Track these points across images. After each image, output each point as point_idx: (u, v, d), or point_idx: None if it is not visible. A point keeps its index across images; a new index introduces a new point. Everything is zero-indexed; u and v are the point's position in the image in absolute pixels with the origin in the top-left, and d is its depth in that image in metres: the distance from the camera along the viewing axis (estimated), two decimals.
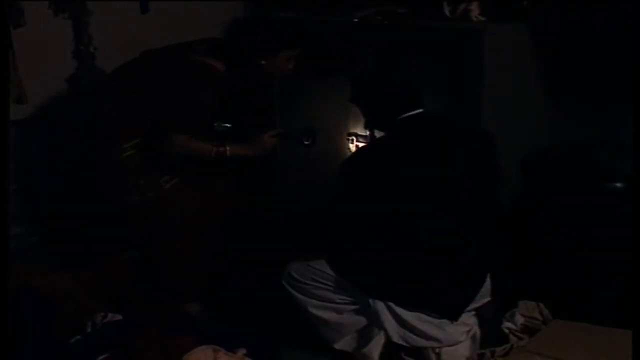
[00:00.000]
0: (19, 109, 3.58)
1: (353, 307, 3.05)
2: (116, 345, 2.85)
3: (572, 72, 3.58)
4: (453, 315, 2.95)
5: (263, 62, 3.35)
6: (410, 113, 2.99)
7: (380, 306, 2.96)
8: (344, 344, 3.09)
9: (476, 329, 3.05)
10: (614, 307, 2.95)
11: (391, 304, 2.95)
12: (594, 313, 3.02)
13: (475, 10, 3.49)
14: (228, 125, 3.38)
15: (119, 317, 3.05)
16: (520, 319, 3.13)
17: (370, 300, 2.98)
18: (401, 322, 2.96)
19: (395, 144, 3.00)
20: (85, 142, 3.45)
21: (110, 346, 2.85)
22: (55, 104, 3.74)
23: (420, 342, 2.96)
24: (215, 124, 3.36)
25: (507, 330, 3.10)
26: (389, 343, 3.01)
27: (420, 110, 3.02)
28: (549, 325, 3.14)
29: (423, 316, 2.95)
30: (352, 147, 3.72)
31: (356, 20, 3.69)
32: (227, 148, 3.30)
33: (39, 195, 3.73)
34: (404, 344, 2.98)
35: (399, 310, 2.95)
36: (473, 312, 3.04)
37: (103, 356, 2.82)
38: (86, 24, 3.73)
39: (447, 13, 3.55)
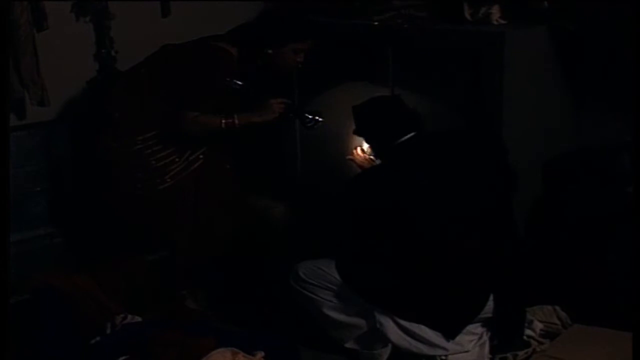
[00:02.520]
0: (42, 111, 3.61)
1: (359, 308, 3.05)
2: (135, 347, 2.86)
3: (594, 75, 3.55)
4: (450, 333, 2.95)
5: (270, 51, 3.41)
6: (404, 138, 3.08)
7: (383, 316, 2.99)
8: (354, 343, 3.11)
9: (486, 338, 3.04)
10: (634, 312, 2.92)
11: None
12: (615, 318, 2.99)
13: (496, 14, 3.47)
14: (239, 82, 3.40)
15: (139, 318, 3.07)
16: (538, 325, 3.12)
17: (374, 311, 3.00)
18: (405, 330, 2.97)
19: (391, 169, 3.09)
20: (102, 134, 3.50)
21: (129, 347, 2.87)
22: (76, 106, 3.77)
23: (426, 349, 2.97)
24: (227, 79, 3.40)
25: (526, 338, 3.08)
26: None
27: (413, 133, 3.08)
28: (568, 330, 3.13)
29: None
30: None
31: (376, 23, 3.69)
32: (236, 118, 3.38)
33: (61, 197, 3.75)
34: (409, 352, 2.99)
35: (402, 320, 2.97)
36: (482, 323, 3.02)
37: (123, 358, 2.84)
38: (107, 28, 3.75)
39: (468, 16, 3.53)
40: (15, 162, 3.54)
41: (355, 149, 3.54)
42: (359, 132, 3.26)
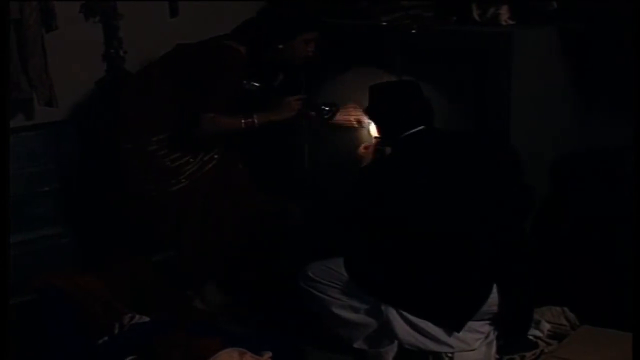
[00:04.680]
0: (50, 112, 3.62)
1: (367, 306, 3.06)
2: (143, 347, 2.87)
3: (601, 76, 3.54)
4: (456, 326, 2.95)
5: (280, 46, 3.40)
6: (412, 130, 3.10)
7: (391, 312, 2.99)
8: (362, 343, 3.11)
9: (493, 337, 3.04)
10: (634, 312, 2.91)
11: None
12: (620, 319, 2.98)
13: (504, 14, 3.46)
14: (257, 84, 3.41)
15: (146, 318, 3.07)
16: (546, 326, 3.11)
17: (382, 307, 3.01)
18: (413, 326, 2.98)
19: (398, 159, 3.11)
20: (114, 135, 3.51)
21: (137, 348, 2.88)
22: (85, 106, 3.78)
23: (433, 346, 2.98)
24: (244, 82, 3.40)
25: (533, 338, 3.08)
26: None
27: (422, 127, 3.10)
28: (577, 331, 3.12)
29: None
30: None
31: (384, 23, 3.69)
32: (255, 117, 3.38)
33: (69, 197, 3.76)
34: (415, 349, 3.00)
35: (410, 315, 2.98)
36: (488, 321, 3.02)
37: (130, 358, 2.85)
38: (116, 28, 3.76)
39: (476, 17, 3.52)
40: (23, 163, 3.56)
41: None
42: (370, 114, 3.28)
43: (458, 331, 2.96)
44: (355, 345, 3.12)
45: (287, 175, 4.05)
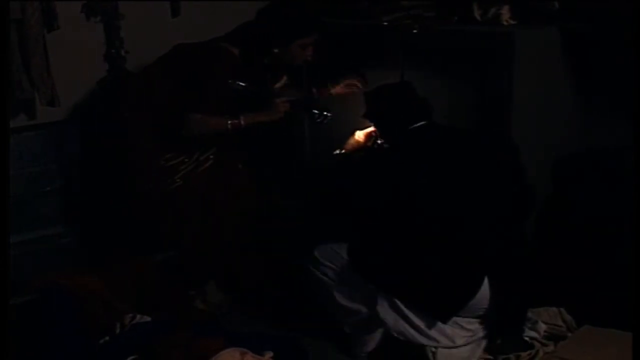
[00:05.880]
0: (52, 112, 3.62)
1: (363, 292, 3.07)
2: (144, 347, 2.87)
3: (603, 76, 3.54)
4: (443, 316, 2.97)
5: (276, 50, 3.41)
6: (415, 125, 3.12)
7: (384, 299, 3.00)
8: (352, 327, 3.14)
9: (480, 336, 3.06)
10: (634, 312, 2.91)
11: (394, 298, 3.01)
12: (622, 319, 2.98)
13: (505, 14, 3.46)
14: (242, 83, 3.42)
15: (148, 318, 3.07)
16: (542, 327, 3.11)
17: (376, 293, 3.02)
18: (403, 316, 2.99)
19: (400, 152, 3.13)
20: (115, 135, 3.52)
21: (138, 348, 2.88)
22: (86, 106, 3.78)
23: (419, 338, 3.00)
24: (229, 81, 3.41)
25: (529, 340, 3.07)
26: (387, 337, 3.06)
27: (424, 122, 3.13)
28: (579, 331, 3.12)
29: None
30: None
31: (385, 23, 3.69)
32: (241, 118, 3.40)
33: (70, 197, 3.77)
34: (402, 338, 3.01)
35: (401, 304, 2.99)
36: (478, 320, 3.03)
37: (131, 358, 2.85)
38: (117, 28, 3.77)
39: (477, 17, 3.52)
40: (24, 163, 3.57)
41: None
42: (370, 116, 3.30)
43: (444, 322, 2.97)
44: (346, 330, 3.15)
45: (288, 173, 4.05)
